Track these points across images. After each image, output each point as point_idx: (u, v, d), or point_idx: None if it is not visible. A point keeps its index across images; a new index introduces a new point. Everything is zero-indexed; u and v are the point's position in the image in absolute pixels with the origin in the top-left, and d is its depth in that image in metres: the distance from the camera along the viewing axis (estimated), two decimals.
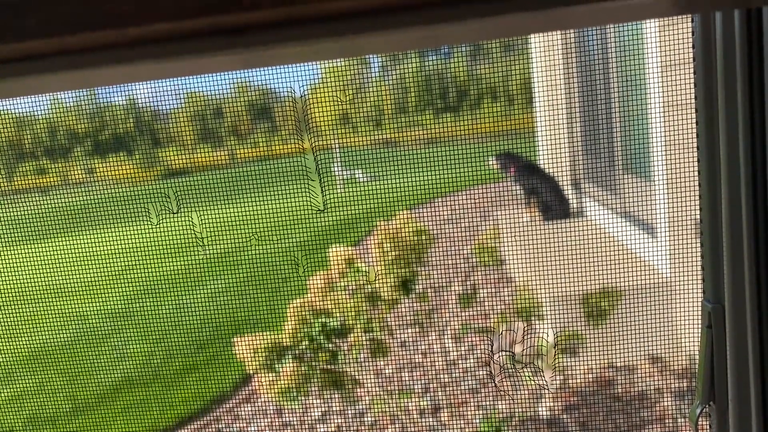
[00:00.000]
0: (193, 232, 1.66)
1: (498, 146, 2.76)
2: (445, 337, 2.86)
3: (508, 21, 0.30)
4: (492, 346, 2.48)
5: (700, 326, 0.86)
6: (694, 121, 0.85)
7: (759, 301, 0.73)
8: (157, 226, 1.56)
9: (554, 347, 2.11)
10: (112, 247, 1.73)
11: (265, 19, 0.30)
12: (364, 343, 2.18)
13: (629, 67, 2.06)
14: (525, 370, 1.90)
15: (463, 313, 2.84)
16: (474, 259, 2.85)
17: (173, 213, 1.52)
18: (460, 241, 2.92)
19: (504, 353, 2.10)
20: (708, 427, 0.84)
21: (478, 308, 2.82)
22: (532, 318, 2.24)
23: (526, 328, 2.28)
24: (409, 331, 2.86)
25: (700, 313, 0.87)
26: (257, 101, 2.57)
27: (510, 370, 1.93)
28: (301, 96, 1.40)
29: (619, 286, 2.04)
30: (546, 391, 2.26)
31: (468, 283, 3.03)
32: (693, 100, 0.83)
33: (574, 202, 3.23)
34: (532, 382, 1.93)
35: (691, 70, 0.80)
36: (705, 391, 0.81)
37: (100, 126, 2.56)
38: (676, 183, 1.59)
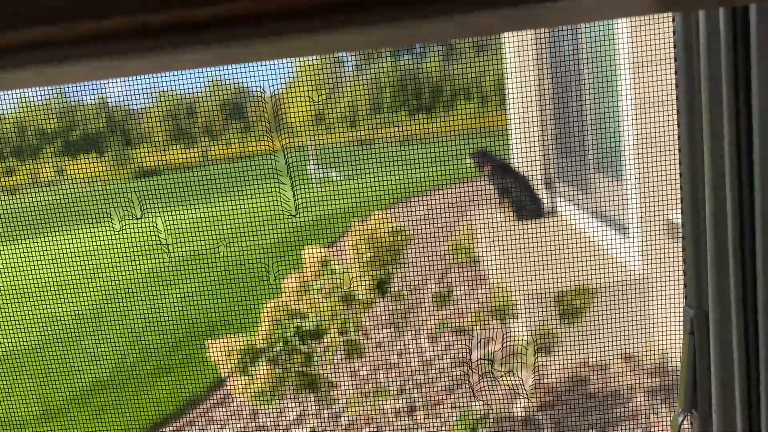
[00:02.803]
0: (157, 237, 1.64)
1: (472, 145, 2.77)
2: (421, 336, 2.86)
3: (483, 17, 0.29)
4: (468, 346, 2.48)
5: (675, 323, 0.85)
6: (665, 120, 0.84)
7: (744, 307, 0.71)
8: (121, 231, 1.53)
9: (530, 346, 2.12)
10: (83, 248, 1.70)
11: (234, 13, 0.29)
12: (340, 344, 2.17)
13: (602, 68, 2.07)
14: (501, 370, 1.91)
15: (438, 313, 2.84)
16: (449, 258, 2.85)
17: (137, 218, 1.50)
18: (434, 240, 2.92)
19: (480, 353, 2.10)
20: None
21: (454, 307, 2.83)
22: (507, 317, 2.25)
23: (501, 328, 2.29)
24: (385, 331, 2.85)
25: (673, 310, 0.86)
26: (231, 99, 2.55)
27: (486, 370, 1.94)
28: (273, 95, 1.38)
29: (592, 284, 2.05)
30: (521, 390, 2.27)
31: (443, 282, 3.04)
32: (665, 100, 0.82)
33: (547, 202, 3.25)
34: (508, 382, 1.94)
35: (663, 70, 0.79)
36: (687, 399, 0.80)
37: (70, 125, 2.52)
38: (647, 182, 1.61)
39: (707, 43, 0.67)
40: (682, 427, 0.81)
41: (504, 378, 1.89)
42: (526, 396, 2.19)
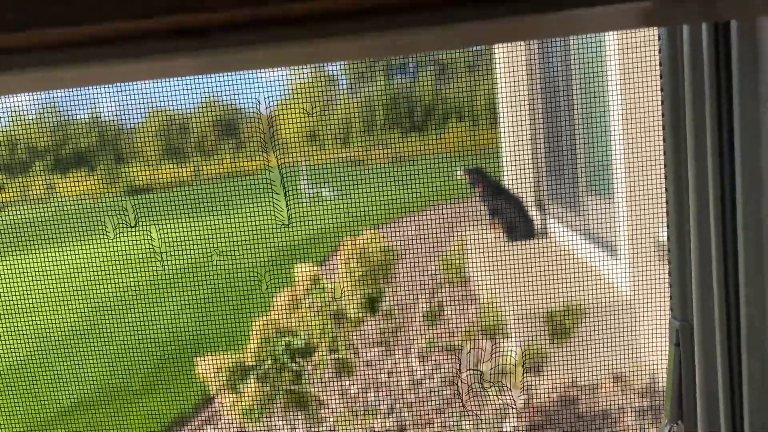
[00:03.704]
0: (150, 249, 1.64)
1: (463, 165, 2.78)
2: (411, 355, 2.85)
3: (475, 28, 0.30)
4: (458, 365, 2.47)
5: (663, 344, 0.85)
6: (655, 142, 0.85)
7: (728, 319, 0.72)
8: (114, 239, 1.53)
9: (520, 365, 2.12)
10: (70, 264, 1.69)
11: (229, 20, 0.29)
12: (329, 362, 2.16)
13: (592, 89, 2.10)
14: (491, 389, 1.91)
15: (428, 331, 2.84)
16: (439, 277, 2.85)
17: (131, 227, 1.50)
18: (425, 258, 2.92)
19: (470, 372, 2.10)
20: None
21: (444, 326, 2.83)
22: (497, 336, 2.25)
23: (491, 347, 2.29)
24: (375, 349, 2.84)
25: (661, 331, 0.87)
26: (223, 117, 2.55)
27: (476, 390, 1.93)
28: (268, 112, 1.39)
29: (582, 304, 2.06)
30: (511, 409, 2.27)
31: (433, 301, 3.04)
32: (654, 122, 0.84)
33: (538, 222, 3.26)
34: (499, 401, 1.93)
35: (654, 92, 0.81)
36: (673, 410, 0.81)
37: (61, 141, 2.51)
38: (636, 202, 1.62)
39: (691, 57, 0.69)
40: None
41: (494, 397, 1.89)
42: (515, 411, 2.19)
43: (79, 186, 2.34)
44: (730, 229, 0.69)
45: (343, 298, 2.15)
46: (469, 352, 2.23)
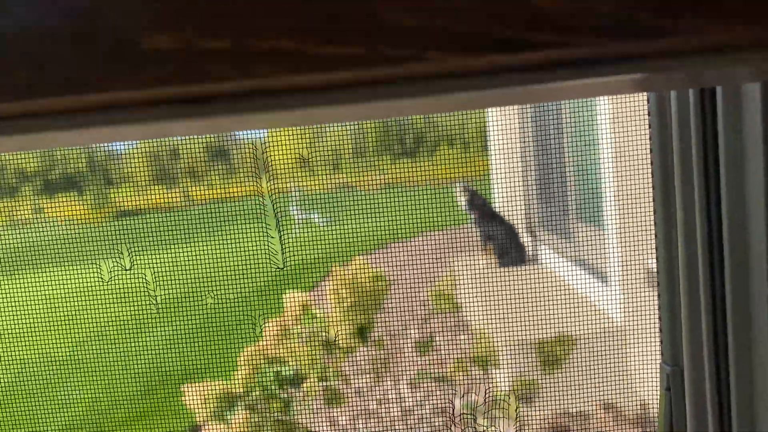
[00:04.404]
0: (141, 282, 1.62)
1: (453, 192, 2.79)
2: (401, 384, 2.82)
3: (466, 98, 0.32)
4: (449, 395, 2.45)
5: (655, 372, 0.86)
6: (643, 171, 0.87)
7: (716, 364, 0.73)
8: (109, 282, 1.51)
9: (513, 397, 2.10)
10: (56, 290, 1.67)
11: (232, 90, 0.31)
12: (319, 390, 2.13)
13: (582, 118, 2.11)
14: (483, 420, 1.89)
15: (419, 360, 2.81)
16: (430, 305, 2.84)
17: (125, 269, 1.48)
18: (416, 286, 2.91)
19: (462, 404, 2.08)
20: None
21: (435, 355, 2.80)
22: (488, 365, 2.23)
23: (483, 377, 2.27)
24: (365, 378, 2.81)
25: (653, 359, 0.87)
26: (215, 143, 2.55)
27: (468, 421, 1.91)
28: (261, 143, 1.39)
29: (573, 332, 2.05)
30: None
31: (425, 329, 3.02)
32: (642, 152, 0.86)
33: (529, 249, 3.26)
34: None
35: (643, 125, 0.83)
36: None
37: (50, 165, 2.50)
38: (626, 230, 1.62)
39: (678, 116, 0.73)
40: None
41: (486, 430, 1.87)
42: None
43: (66, 210, 2.32)
44: (719, 275, 0.72)
45: (335, 332, 2.13)
46: (461, 384, 2.22)
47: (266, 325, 2.08)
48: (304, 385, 2.08)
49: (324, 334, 2.08)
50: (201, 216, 2.73)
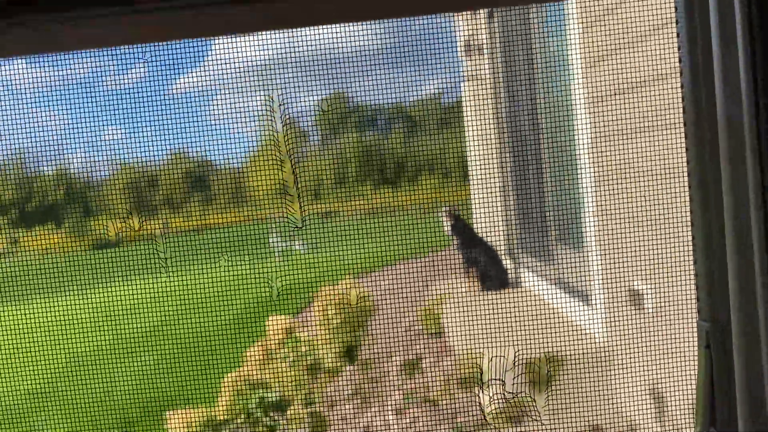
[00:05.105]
0: (121, 307, 1.60)
1: (435, 218, 2.80)
2: (387, 408, 2.80)
3: None
4: (434, 417, 2.43)
5: (641, 390, 0.83)
6: (626, 191, 0.86)
7: None
8: (77, 303, 1.49)
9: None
10: (35, 321, 1.64)
11: None
12: (304, 416, 2.11)
13: (562, 140, 2.14)
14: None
15: (405, 384, 2.80)
16: (414, 329, 2.83)
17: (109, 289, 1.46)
18: (398, 311, 2.90)
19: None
20: None
21: (420, 378, 2.79)
22: (474, 387, 2.22)
23: (468, 398, 2.26)
24: (351, 403, 2.79)
25: (638, 377, 0.85)
26: (194, 171, 2.54)
27: None
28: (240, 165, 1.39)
29: (557, 353, 2.05)
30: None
31: (409, 353, 3.00)
32: (625, 171, 0.84)
33: (511, 272, 3.28)
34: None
35: (623, 141, 0.82)
36: (705, 417, 0.77)
37: (26, 196, 2.47)
38: (609, 252, 1.64)
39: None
40: None
41: None
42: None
43: (45, 241, 2.29)
44: None
45: (320, 351, 2.11)
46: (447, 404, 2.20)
47: (248, 350, 2.06)
48: (290, 410, 2.06)
49: (309, 358, 2.06)
50: (180, 245, 2.71)
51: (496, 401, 2.35)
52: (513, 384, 2.28)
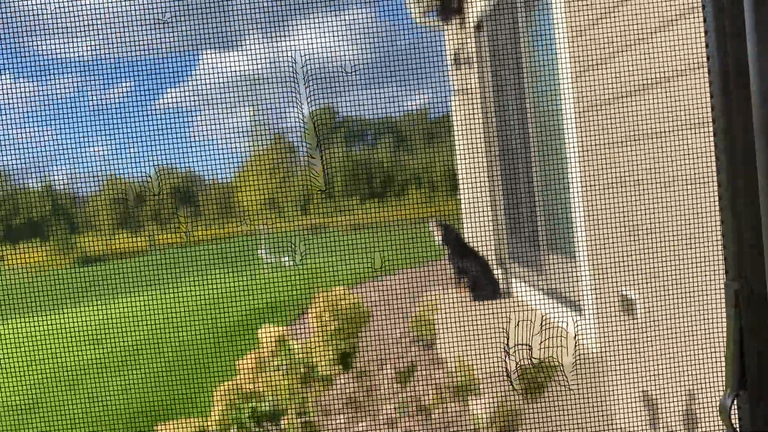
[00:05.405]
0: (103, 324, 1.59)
1: (424, 231, 2.80)
2: (379, 417, 2.78)
3: None
4: (427, 426, 2.42)
5: (634, 398, 0.82)
6: (615, 199, 0.85)
7: None
8: (66, 319, 1.47)
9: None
10: (22, 337, 1.62)
11: None
12: (297, 426, 2.09)
13: (551, 149, 2.15)
14: None
15: (398, 393, 2.79)
16: (406, 340, 2.82)
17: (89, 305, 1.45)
18: (389, 323, 2.90)
19: None
20: (738, 419, 0.76)
21: (412, 388, 2.78)
22: (466, 396, 2.21)
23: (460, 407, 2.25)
24: (344, 415, 2.77)
25: (630, 383, 0.83)
26: (181, 185, 2.53)
27: None
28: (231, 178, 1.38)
29: (550, 363, 2.05)
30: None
31: (401, 363, 2.99)
32: (615, 180, 0.84)
33: (502, 282, 3.28)
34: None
35: (612, 150, 0.82)
36: (735, 379, 0.75)
37: (12, 211, 2.45)
38: (599, 260, 1.64)
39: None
40: (732, 409, 0.75)
41: None
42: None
43: (31, 257, 2.26)
44: None
45: (314, 358, 2.10)
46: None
47: (241, 360, 2.04)
48: (283, 420, 2.04)
49: (302, 368, 2.05)
50: (169, 259, 2.69)
51: (487, 410, 2.34)
52: (504, 393, 2.28)
